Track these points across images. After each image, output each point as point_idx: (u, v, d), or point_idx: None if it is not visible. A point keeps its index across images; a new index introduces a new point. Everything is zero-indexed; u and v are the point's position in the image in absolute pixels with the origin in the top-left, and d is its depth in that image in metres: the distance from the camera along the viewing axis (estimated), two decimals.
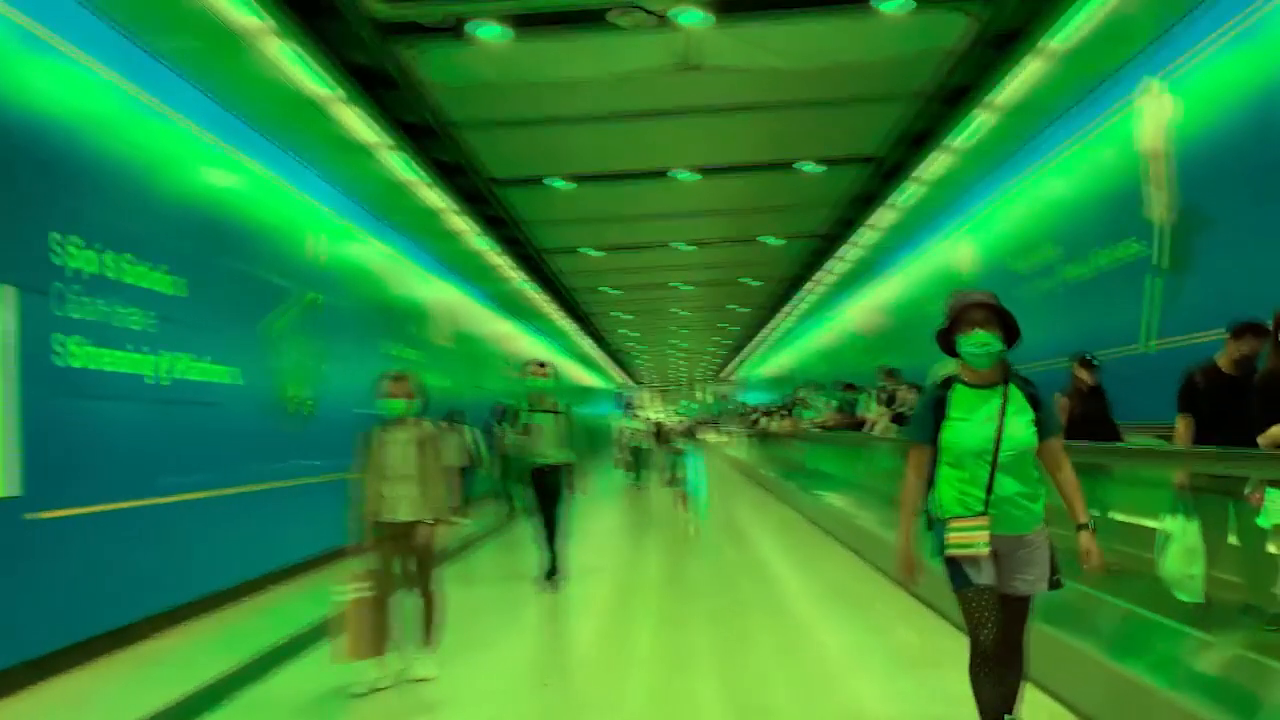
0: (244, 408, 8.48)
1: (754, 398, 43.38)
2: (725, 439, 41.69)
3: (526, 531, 8.84)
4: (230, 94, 8.31)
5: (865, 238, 16.02)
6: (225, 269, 8.35)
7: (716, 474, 24.91)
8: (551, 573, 8.33)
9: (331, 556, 10.07)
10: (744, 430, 31.56)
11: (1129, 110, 8.98)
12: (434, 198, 12.13)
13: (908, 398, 9.45)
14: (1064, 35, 8.02)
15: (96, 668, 5.86)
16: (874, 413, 10.90)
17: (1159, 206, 8.58)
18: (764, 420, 23.03)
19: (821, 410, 14.54)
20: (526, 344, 25.47)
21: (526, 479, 8.51)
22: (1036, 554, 3.45)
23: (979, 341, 3.39)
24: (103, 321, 6.34)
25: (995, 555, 3.38)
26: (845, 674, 5.50)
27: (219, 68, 7.80)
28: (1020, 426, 3.38)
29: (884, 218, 14.56)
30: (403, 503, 5.33)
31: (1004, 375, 3.47)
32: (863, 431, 11.31)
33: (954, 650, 5.52)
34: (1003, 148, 11.16)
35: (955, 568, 3.42)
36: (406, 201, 12.17)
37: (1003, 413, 3.38)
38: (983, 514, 3.35)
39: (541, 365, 8.69)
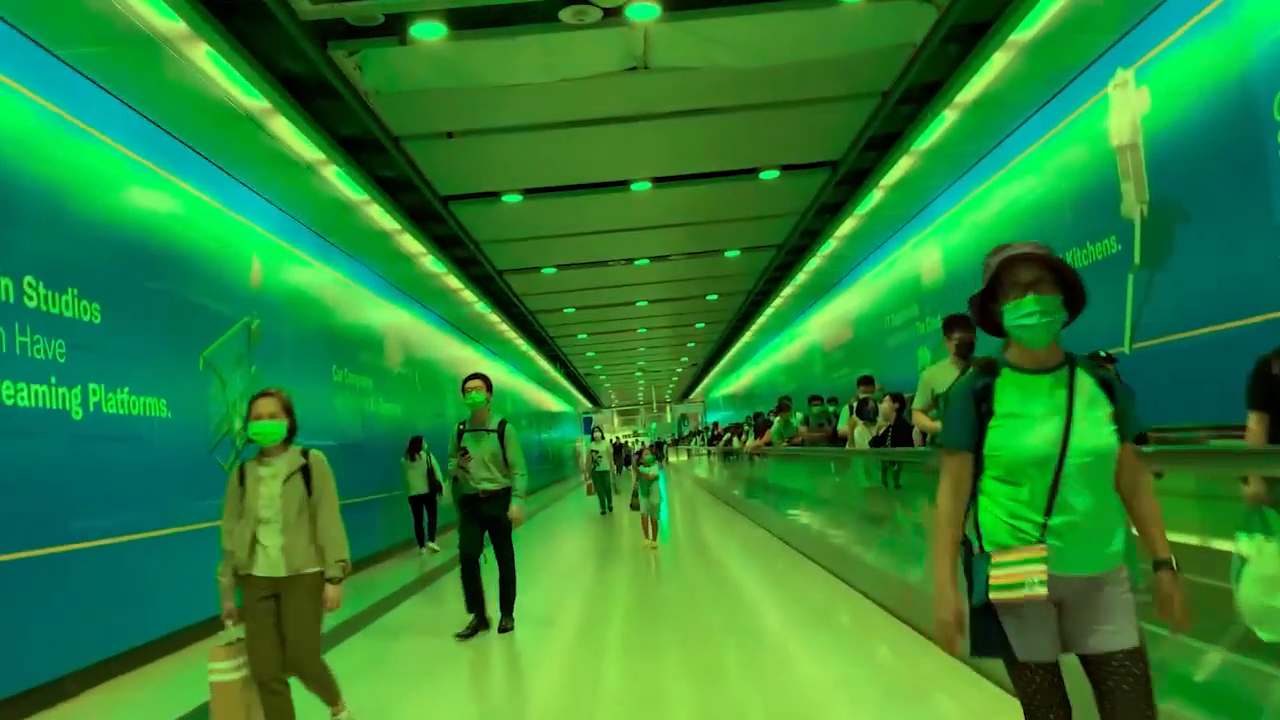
0: (174, 441, 7.88)
1: (718, 417, 43.08)
2: (689, 459, 41.26)
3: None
4: (152, 106, 7.78)
5: (827, 248, 15.68)
6: (149, 293, 7.77)
7: (684, 494, 24.42)
8: (479, 624, 7.31)
9: None
10: (709, 450, 31.13)
11: (1100, 104, 8.73)
12: (381, 217, 11.60)
13: (885, 410, 8.99)
14: (1033, 26, 7.69)
15: None
16: (851, 425, 10.42)
17: (1132, 201, 8.31)
18: (734, 440, 22.58)
19: (790, 426, 14.06)
20: (488, 369, 24.91)
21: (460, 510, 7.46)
22: (1117, 598, 2.43)
23: (1032, 309, 2.45)
24: None
25: (1058, 605, 2.44)
26: (832, 708, 5.01)
27: (138, 77, 7.24)
28: (1095, 424, 2.45)
29: (846, 226, 14.22)
30: (270, 553, 4.17)
31: (1066, 356, 2.55)
32: (843, 447, 10.81)
33: (943, 677, 5.10)
34: (969, 148, 10.88)
35: (992, 625, 2.45)
36: (353, 222, 11.63)
37: (1070, 406, 2.45)
38: (1039, 543, 2.40)
39: (476, 378, 7.44)
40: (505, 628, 7.32)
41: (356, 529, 12.06)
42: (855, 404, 10.32)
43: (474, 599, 7.31)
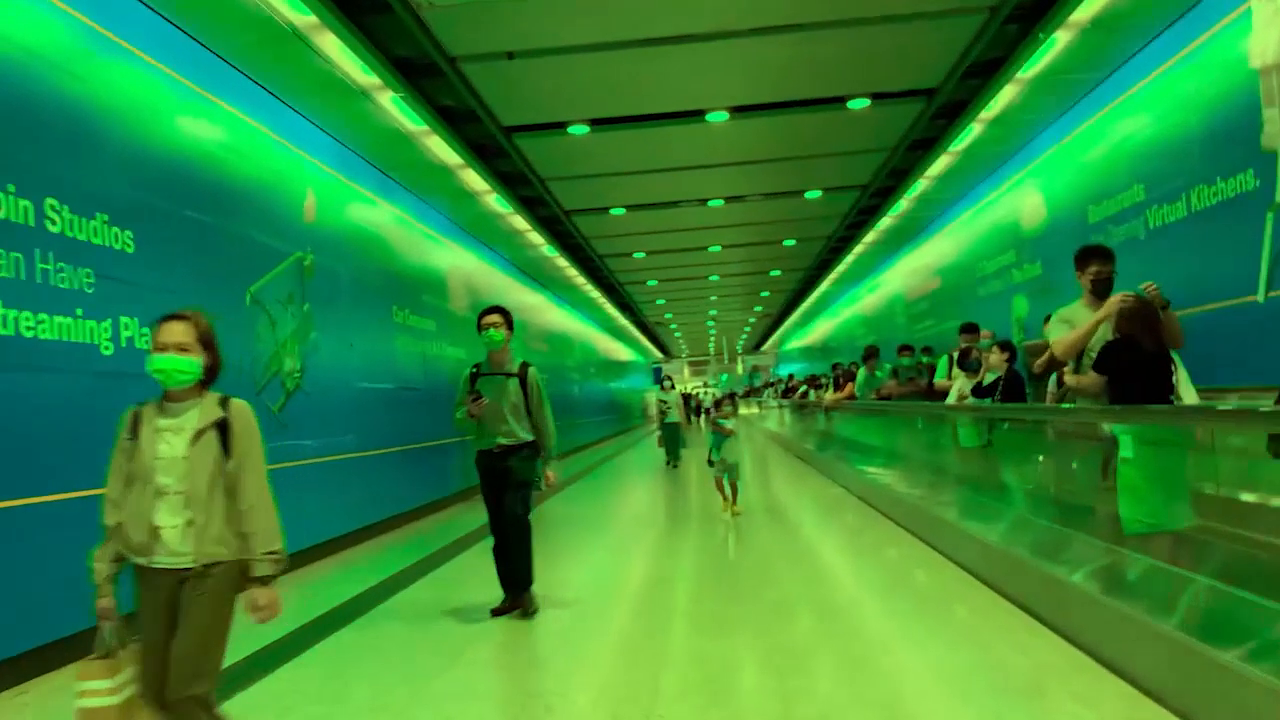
0: (220, 383, 7.43)
1: (791, 369, 42.13)
2: (760, 411, 40.47)
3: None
4: (192, 20, 7.27)
5: (916, 189, 14.65)
6: (191, 224, 7.29)
7: (755, 448, 23.73)
8: (513, 602, 6.19)
9: (322, 550, 9.16)
10: (782, 403, 30.31)
11: (1240, 21, 7.67)
12: (442, 150, 11.00)
13: (994, 361, 8.01)
14: None
15: None
16: (955, 380, 9.38)
17: (1278, 131, 7.27)
18: (812, 392, 21.71)
19: (876, 379, 13.16)
20: (556, 316, 24.45)
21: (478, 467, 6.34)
22: None
23: None
24: (14, 278, 5.29)
25: None
26: (936, 702, 4.32)
27: None
28: None
29: (938, 165, 13.19)
30: (169, 535, 3.08)
31: None
32: (943, 401, 9.72)
33: (1065, 671, 4.38)
34: (1082, 77, 9.82)
35: None
36: (413, 155, 11.07)
37: None
38: None
39: (495, 312, 6.32)
40: (528, 609, 6.15)
41: (413, 476, 11.81)
42: (957, 354, 9.36)
43: (508, 554, 6.29)
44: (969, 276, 15.36)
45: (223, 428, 3.19)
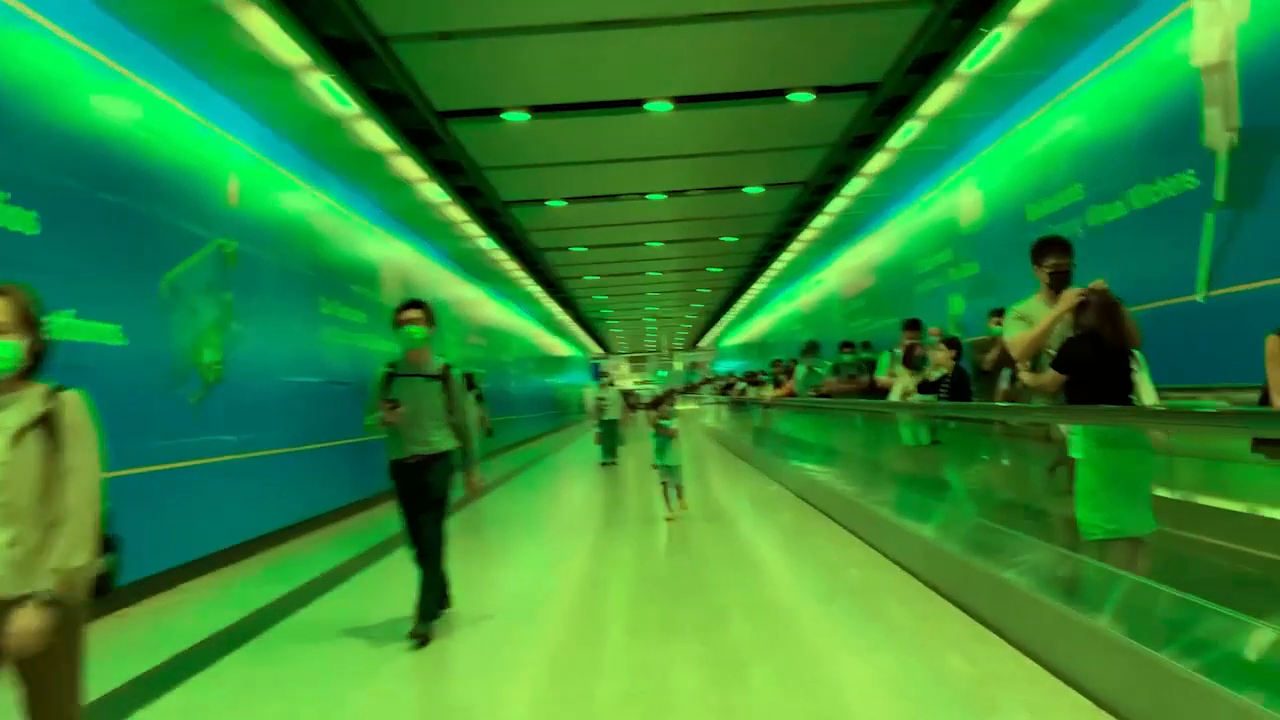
0: (131, 374, 7.02)
1: (728, 366, 42.19)
2: (699, 408, 40.46)
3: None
4: None
5: (856, 186, 14.61)
6: (104, 206, 6.86)
7: (693, 445, 23.61)
8: (428, 617, 5.51)
9: (251, 547, 8.76)
10: (719, 399, 30.27)
11: (1181, 20, 7.69)
12: (374, 136, 10.61)
13: (940, 358, 7.85)
14: None
15: None
16: (898, 377, 9.16)
17: (1218, 130, 7.29)
18: (750, 389, 21.60)
19: (820, 374, 13.04)
20: (493, 310, 24.04)
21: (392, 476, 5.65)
22: None
23: None
24: None
25: None
26: (883, 716, 4.15)
27: None
28: None
29: (878, 162, 13.15)
30: None
31: None
32: (885, 399, 9.53)
33: (1015, 679, 4.25)
34: (1023, 74, 9.80)
35: None
36: (343, 140, 10.65)
37: None
38: None
39: (415, 307, 5.71)
40: (421, 635, 5.39)
41: (342, 472, 11.38)
42: (901, 351, 9.15)
43: (426, 568, 5.62)
44: (905, 275, 15.40)
45: (49, 422, 2.59)
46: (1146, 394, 4.07)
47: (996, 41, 8.93)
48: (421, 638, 5.37)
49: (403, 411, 5.38)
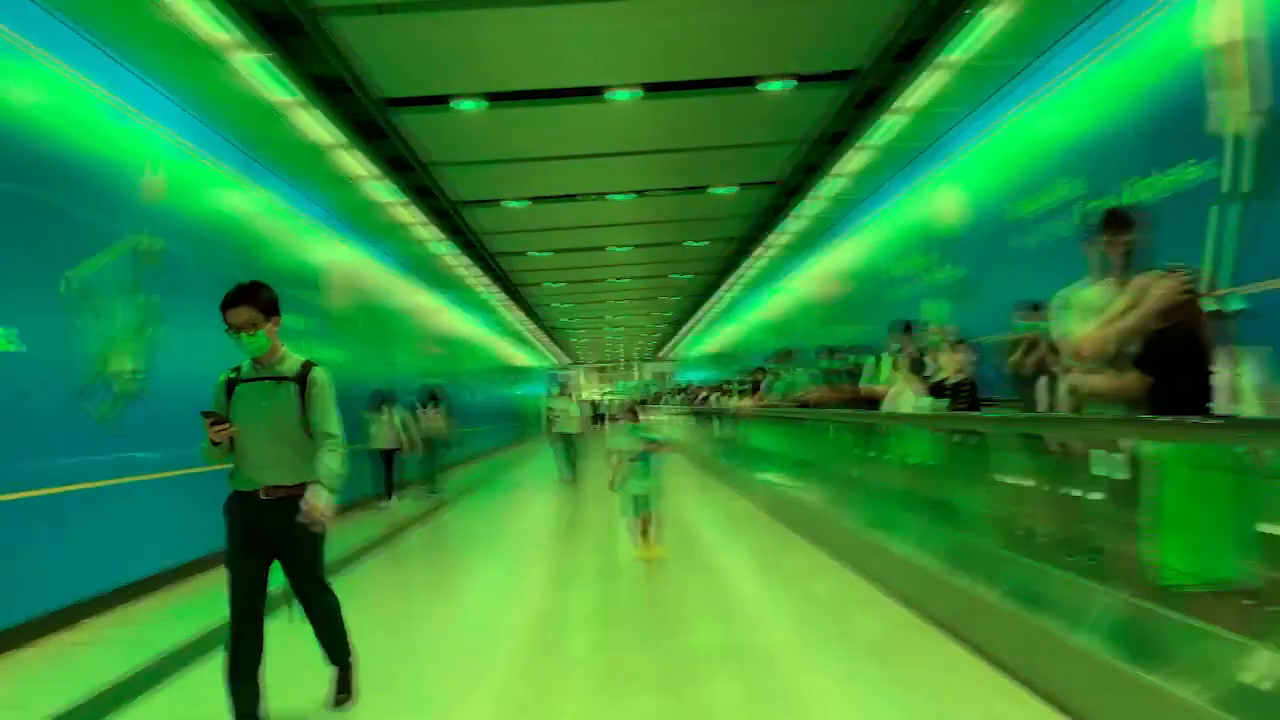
0: (27, 384, 6.17)
1: (694, 376, 41.49)
2: (665, 419, 39.69)
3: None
4: None
5: (831, 186, 13.98)
6: None
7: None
8: (337, 697, 4.42)
9: (168, 577, 7.89)
10: (686, 410, 29.52)
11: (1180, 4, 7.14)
12: (315, 127, 9.80)
13: (959, 360, 6.81)
14: None
15: None
16: (896, 382, 8.01)
17: (1238, 113, 6.71)
18: (722, 400, 20.79)
19: (798, 383, 12.11)
20: (451, 319, 23.15)
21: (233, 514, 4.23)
22: None
23: None
24: None
25: None
26: None
27: None
28: None
29: (855, 161, 12.54)
30: None
31: None
32: (876, 409, 8.28)
33: None
34: (1009, 64, 9.22)
35: None
36: (280, 132, 9.83)
37: None
38: None
39: (240, 301, 4.14)
40: (341, 700, 4.42)
41: None
42: (906, 359, 7.99)
43: (247, 696, 4.01)
44: (878, 281, 14.79)
45: None
46: (1249, 402, 3.28)
47: (982, 25, 8.33)
48: (340, 702, 4.38)
49: (233, 431, 4.09)
